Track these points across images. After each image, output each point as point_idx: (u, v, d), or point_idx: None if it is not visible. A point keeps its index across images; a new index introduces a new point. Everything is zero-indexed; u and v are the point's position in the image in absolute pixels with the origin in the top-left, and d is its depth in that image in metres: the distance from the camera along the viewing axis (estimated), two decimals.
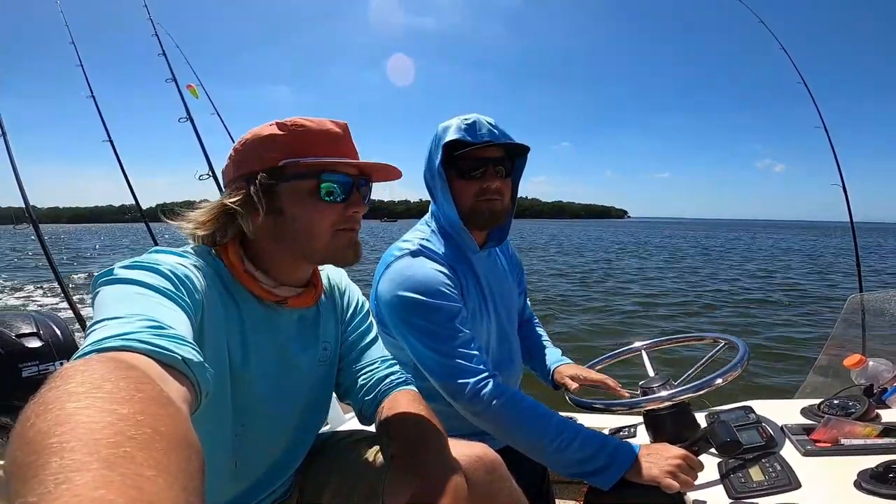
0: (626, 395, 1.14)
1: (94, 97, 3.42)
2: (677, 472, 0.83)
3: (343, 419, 1.60)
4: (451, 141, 1.00)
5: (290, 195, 0.69)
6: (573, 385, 1.19)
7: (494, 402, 0.91)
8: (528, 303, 1.41)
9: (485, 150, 1.01)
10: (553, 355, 1.32)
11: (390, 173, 0.76)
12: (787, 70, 3.24)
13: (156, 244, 3.43)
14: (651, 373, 1.20)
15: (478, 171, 1.02)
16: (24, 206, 2.43)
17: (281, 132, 0.69)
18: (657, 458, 0.86)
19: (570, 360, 1.30)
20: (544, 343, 1.37)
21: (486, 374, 0.93)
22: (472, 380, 0.92)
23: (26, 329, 1.22)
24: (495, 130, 1.03)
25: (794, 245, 27.76)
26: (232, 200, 0.68)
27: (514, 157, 1.09)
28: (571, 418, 0.97)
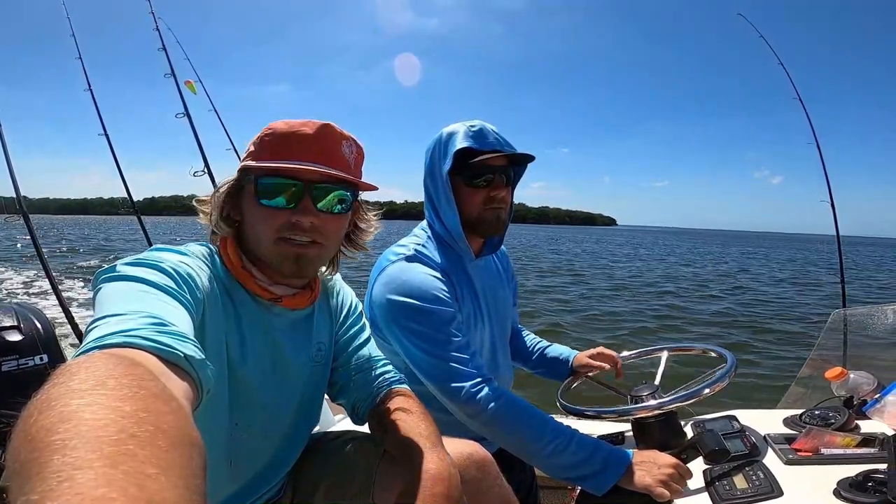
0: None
1: (91, 90, 3.39)
2: (669, 480, 0.84)
3: (332, 421, 1.58)
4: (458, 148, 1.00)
5: (245, 198, 0.70)
6: (599, 367, 1.28)
7: (490, 404, 0.91)
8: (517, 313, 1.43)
9: (493, 159, 1.01)
10: (561, 348, 1.38)
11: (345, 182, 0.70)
12: (786, 84, 3.33)
13: (147, 240, 3.37)
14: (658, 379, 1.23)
15: (486, 179, 1.02)
16: (14, 195, 2.36)
17: (259, 136, 0.71)
18: (650, 467, 0.86)
19: (577, 352, 1.36)
20: (545, 343, 1.40)
21: (482, 377, 0.93)
22: (467, 383, 0.92)
23: (7, 322, 1.19)
24: (500, 138, 1.04)
25: (787, 257, 28.01)
26: (201, 198, 0.73)
27: (514, 164, 1.10)
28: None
